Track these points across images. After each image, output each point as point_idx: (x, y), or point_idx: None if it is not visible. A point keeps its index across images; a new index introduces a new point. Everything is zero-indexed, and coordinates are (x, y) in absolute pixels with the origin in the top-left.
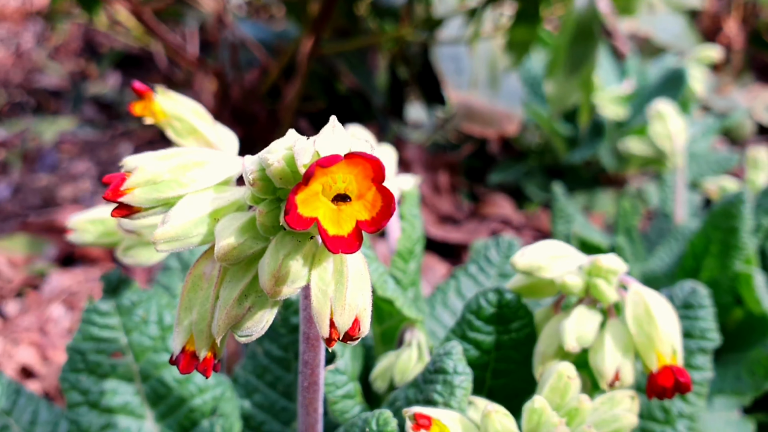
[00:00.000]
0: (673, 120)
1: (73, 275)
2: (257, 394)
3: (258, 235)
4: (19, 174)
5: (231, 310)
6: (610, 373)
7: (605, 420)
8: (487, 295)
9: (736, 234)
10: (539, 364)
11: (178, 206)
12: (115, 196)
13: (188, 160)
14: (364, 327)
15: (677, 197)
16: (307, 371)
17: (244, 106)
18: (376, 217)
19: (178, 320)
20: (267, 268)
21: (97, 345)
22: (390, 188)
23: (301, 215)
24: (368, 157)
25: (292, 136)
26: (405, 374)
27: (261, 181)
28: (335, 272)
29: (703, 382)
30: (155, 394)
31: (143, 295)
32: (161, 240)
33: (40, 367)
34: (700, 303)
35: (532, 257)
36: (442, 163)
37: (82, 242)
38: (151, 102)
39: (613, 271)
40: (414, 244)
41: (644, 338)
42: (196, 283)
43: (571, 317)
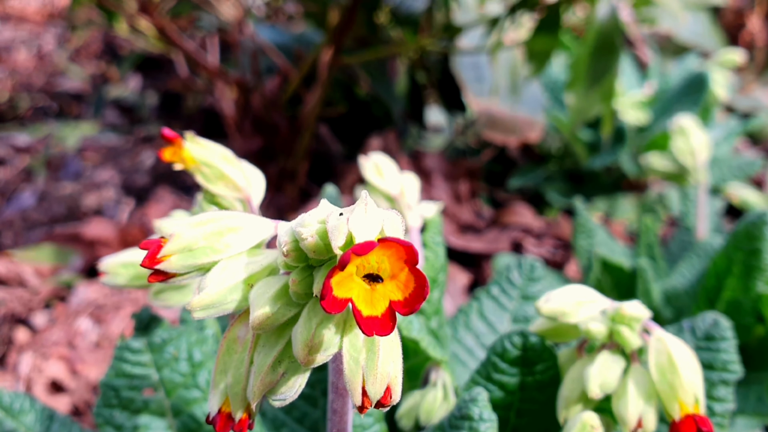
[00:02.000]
0: (696, 135)
1: (99, 287)
2: (285, 429)
3: (291, 302)
4: (43, 181)
5: (266, 377)
6: (633, 420)
7: None
8: (512, 338)
9: (758, 256)
10: (563, 409)
11: (213, 273)
12: (152, 264)
13: (223, 226)
14: (395, 395)
15: (699, 212)
16: (336, 419)
17: (265, 115)
18: (410, 299)
19: (214, 383)
20: (300, 338)
21: (129, 381)
22: (421, 259)
23: (336, 298)
24: (401, 242)
25: (325, 208)
26: (430, 414)
27: (294, 251)
28: (367, 340)
29: (724, 414)
30: (187, 428)
31: (173, 332)
32: (198, 308)
33: (69, 381)
34: (722, 335)
35: (557, 303)
36: (463, 170)
37: (114, 285)
38: (180, 149)
39: (636, 318)
40: (437, 273)
41: (666, 386)
42: (230, 346)
43: (594, 364)
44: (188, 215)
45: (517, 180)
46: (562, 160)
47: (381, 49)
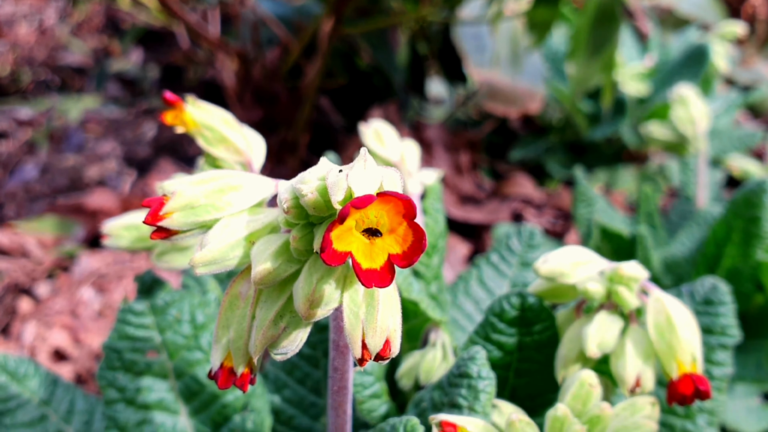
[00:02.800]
0: (696, 104)
1: (101, 257)
2: (287, 390)
3: (292, 258)
4: (46, 154)
5: (267, 331)
6: (631, 379)
7: (626, 427)
8: (510, 298)
9: (757, 223)
10: (561, 368)
11: (214, 230)
12: (154, 221)
13: (224, 184)
14: (394, 348)
15: (699, 181)
16: (337, 376)
17: (265, 86)
18: (408, 252)
19: (216, 337)
20: (301, 292)
21: (132, 344)
22: (421, 225)
23: (336, 251)
24: (400, 196)
25: (325, 165)
26: (430, 374)
27: (295, 209)
28: (366, 295)
29: (723, 378)
30: (189, 390)
31: (176, 295)
32: (200, 264)
33: (72, 350)
34: (721, 299)
35: (555, 263)
36: (464, 142)
37: (117, 247)
38: (182, 112)
39: (634, 278)
40: (437, 239)
41: (665, 346)
42: (233, 302)
43: (592, 324)
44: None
45: (517, 151)
46: (562, 131)
47: (381, 19)
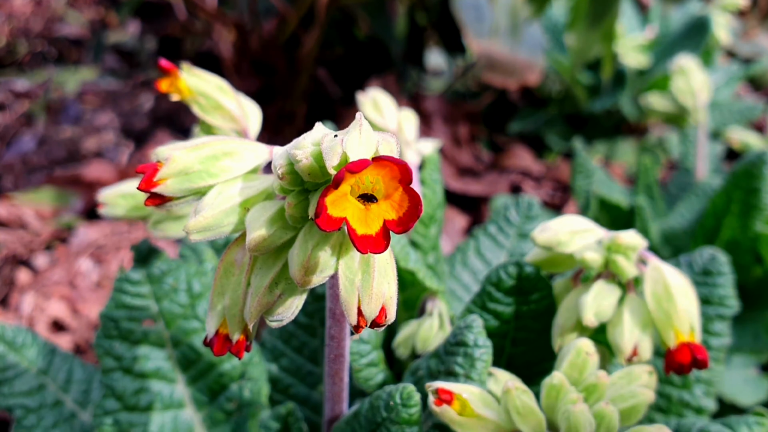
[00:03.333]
0: (696, 75)
1: (99, 228)
2: (284, 359)
3: (287, 225)
4: (43, 126)
5: (262, 298)
6: (628, 348)
7: (623, 395)
8: (507, 267)
9: (757, 195)
10: (558, 337)
11: (208, 196)
12: (148, 187)
13: (218, 150)
14: (390, 315)
15: (699, 152)
16: (334, 344)
17: (263, 57)
18: (404, 218)
19: (211, 305)
20: (297, 259)
21: (129, 313)
22: (417, 190)
23: (331, 216)
24: (395, 160)
25: (320, 130)
26: (426, 343)
27: (289, 175)
28: (362, 261)
29: (720, 348)
30: (186, 359)
31: (172, 264)
32: (194, 230)
33: (70, 320)
34: (719, 270)
35: (552, 232)
36: (462, 114)
37: (113, 216)
38: (177, 79)
39: (632, 247)
40: (435, 210)
41: (662, 315)
42: (228, 269)
43: (589, 292)
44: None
45: (517, 124)
46: (562, 103)
47: None
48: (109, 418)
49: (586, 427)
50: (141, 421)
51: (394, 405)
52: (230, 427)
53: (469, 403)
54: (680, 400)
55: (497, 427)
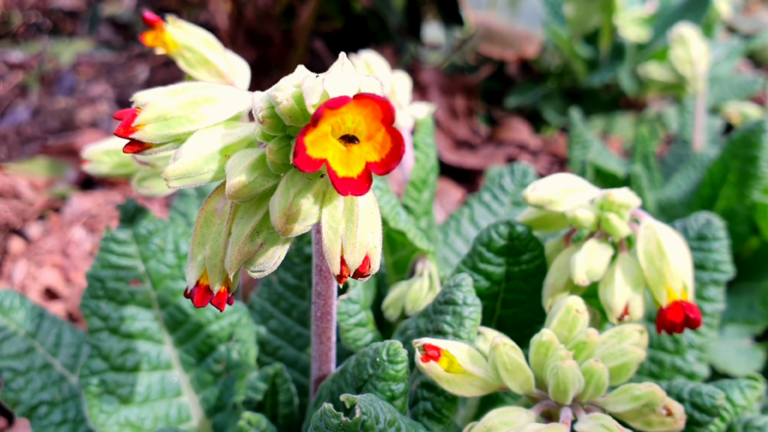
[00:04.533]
0: (695, 44)
1: (93, 198)
2: (273, 321)
3: (269, 173)
4: (37, 96)
5: (243, 247)
6: (620, 307)
7: (613, 353)
8: (498, 227)
9: (755, 163)
10: (548, 296)
11: (188, 143)
12: (126, 133)
13: (198, 95)
14: (374, 264)
15: (697, 123)
16: (320, 302)
17: (258, 28)
18: (386, 159)
19: (191, 255)
20: (278, 207)
21: (115, 273)
22: (400, 130)
23: (310, 157)
24: (377, 98)
25: (301, 72)
26: (416, 303)
27: (270, 119)
28: (346, 210)
29: (714, 314)
30: (173, 320)
31: (159, 224)
32: (172, 177)
33: (63, 288)
34: (715, 235)
35: (544, 191)
36: (460, 86)
37: (97, 173)
38: (162, 32)
39: (625, 205)
40: (428, 174)
41: (655, 273)
42: (208, 218)
43: (581, 251)
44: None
45: (514, 98)
46: (560, 77)
47: None
48: (96, 378)
49: (574, 384)
50: (128, 381)
51: (380, 361)
52: (218, 388)
53: (457, 360)
54: (672, 365)
55: (485, 384)
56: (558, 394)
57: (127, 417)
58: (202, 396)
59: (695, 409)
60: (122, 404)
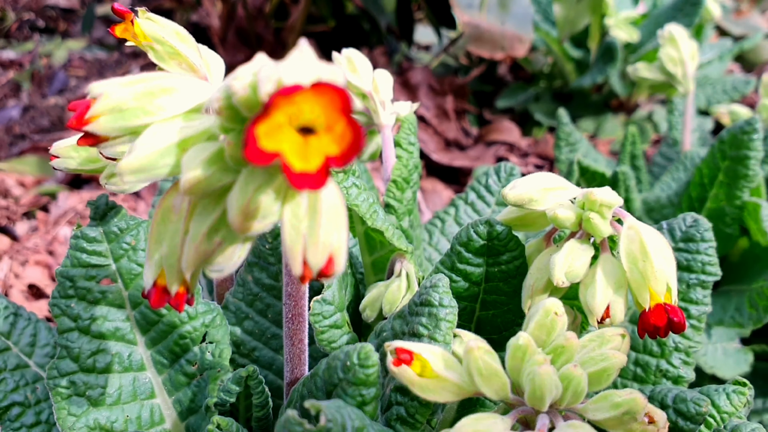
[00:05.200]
0: (685, 44)
1: (80, 197)
2: (248, 322)
3: (227, 167)
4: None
5: (200, 246)
6: (600, 309)
7: (593, 358)
8: (477, 227)
9: (745, 163)
10: (528, 298)
11: (143, 136)
12: (79, 125)
13: (155, 86)
14: (338, 265)
15: (686, 123)
16: (291, 303)
17: (249, 28)
18: (346, 151)
19: (148, 254)
20: (236, 203)
21: (86, 271)
22: (358, 121)
23: (262, 149)
24: (335, 87)
25: (260, 60)
26: (393, 304)
27: (227, 109)
28: (309, 208)
29: (700, 317)
30: (145, 320)
31: (131, 221)
32: (126, 171)
33: (48, 286)
34: (702, 236)
35: (523, 189)
36: (450, 87)
37: (65, 168)
38: (132, 24)
39: (607, 204)
40: (410, 172)
41: (637, 275)
42: (165, 215)
43: (561, 251)
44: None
45: (505, 99)
46: (550, 78)
47: None
48: (65, 379)
49: (551, 390)
50: (98, 383)
51: (351, 365)
52: (192, 390)
53: (430, 364)
54: (658, 368)
55: (459, 390)
56: (534, 401)
57: (97, 419)
58: (175, 398)
59: (679, 417)
60: (92, 406)
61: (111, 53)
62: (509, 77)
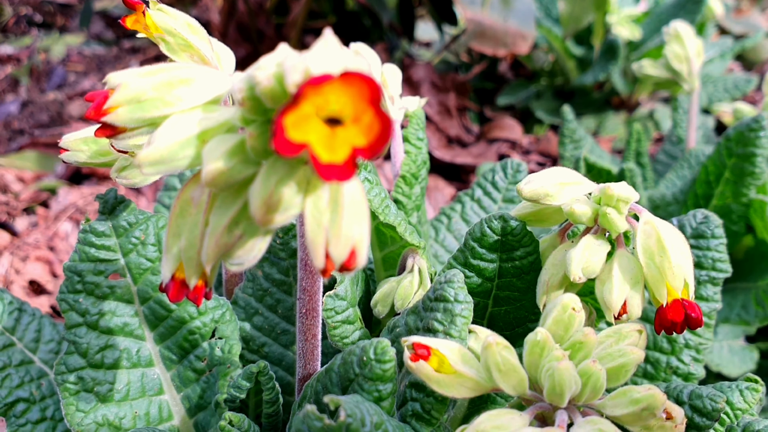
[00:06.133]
0: (691, 41)
1: (80, 192)
2: (257, 317)
3: (249, 159)
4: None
5: (221, 238)
6: (617, 305)
7: (610, 354)
8: (491, 222)
9: (752, 160)
10: (543, 294)
11: (163, 127)
12: (98, 116)
13: (174, 76)
14: (360, 258)
15: (691, 121)
16: (305, 298)
17: (250, 23)
18: (374, 143)
19: (166, 247)
20: (258, 195)
21: (94, 266)
22: (388, 111)
23: (290, 140)
24: (364, 76)
25: (284, 51)
26: (406, 300)
27: (250, 100)
28: (331, 200)
29: (711, 314)
30: (154, 315)
31: (140, 216)
32: (146, 163)
33: (48, 282)
34: (713, 233)
35: (539, 184)
36: (452, 84)
37: (75, 162)
38: (143, 15)
39: (624, 199)
40: (419, 168)
41: (655, 270)
42: (184, 208)
43: (577, 247)
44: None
45: (506, 97)
46: (552, 76)
47: None
48: (73, 375)
49: (570, 386)
50: (107, 378)
51: (367, 360)
52: (200, 386)
53: (447, 359)
54: (668, 365)
55: (477, 385)
56: (553, 397)
57: (105, 416)
58: (183, 394)
59: (695, 413)
60: (100, 402)
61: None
62: (510, 74)
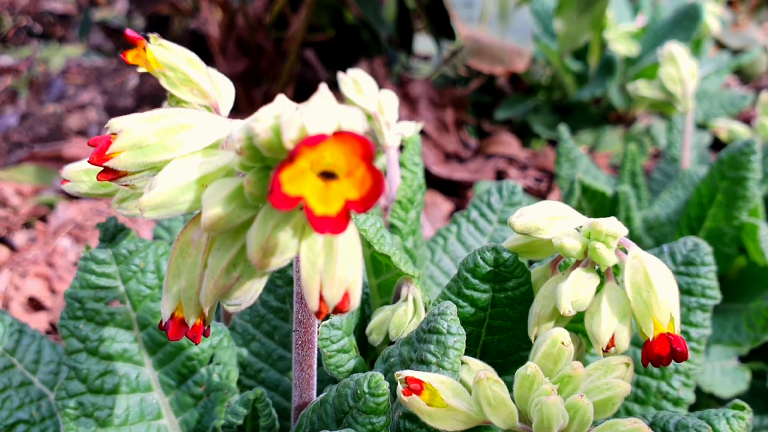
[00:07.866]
0: (685, 63)
1: (79, 207)
2: (255, 343)
3: (246, 204)
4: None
5: (219, 280)
6: (606, 338)
7: (598, 387)
8: (484, 253)
9: (744, 184)
10: (534, 326)
11: (164, 172)
12: (100, 161)
13: (175, 122)
14: (354, 300)
15: (685, 141)
16: (301, 330)
17: (249, 37)
18: (366, 197)
19: (166, 286)
20: (255, 240)
21: (95, 293)
22: (379, 168)
23: (286, 194)
24: (357, 136)
25: (281, 103)
26: (400, 329)
27: (248, 149)
28: (325, 243)
29: (700, 339)
30: (153, 341)
31: (140, 244)
32: (147, 207)
33: (47, 299)
34: (703, 260)
35: (530, 218)
36: (449, 99)
37: (77, 192)
38: (144, 51)
39: (613, 234)
40: (414, 193)
41: (642, 305)
42: (184, 249)
43: (567, 281)
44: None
45: (503, 111)
46: (550, 91)
47: None
48: (73, 400)
49: (558, 420)
50: (106, 404)
51: (361, 393)
52: (198, 411)
53: (439, 393)
54: (658, 390)
55: (467, 418)
56: (542, 430)
57: None
58: (181, 419)
59: None
60: (100, 427)
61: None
62: (508, 88)
